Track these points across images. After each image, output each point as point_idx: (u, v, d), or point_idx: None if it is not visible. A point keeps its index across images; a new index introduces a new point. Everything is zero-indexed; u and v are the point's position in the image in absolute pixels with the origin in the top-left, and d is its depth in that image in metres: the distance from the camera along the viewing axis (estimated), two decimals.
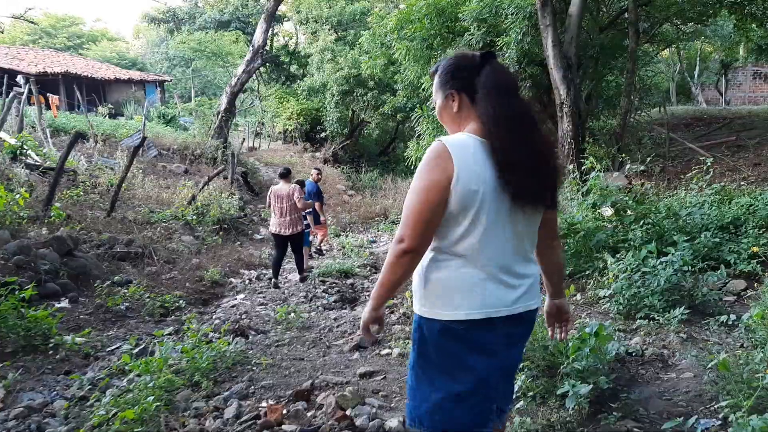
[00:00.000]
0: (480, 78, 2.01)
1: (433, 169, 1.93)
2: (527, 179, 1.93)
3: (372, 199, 20.06)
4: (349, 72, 23.45)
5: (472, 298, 1.97)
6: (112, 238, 8.76)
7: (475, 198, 1.91)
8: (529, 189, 1.95)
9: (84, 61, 31.65)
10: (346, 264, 10.26)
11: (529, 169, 1.94)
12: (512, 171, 1.91)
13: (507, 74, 2.07)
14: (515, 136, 1.94)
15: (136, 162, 16.06)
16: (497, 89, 1.98)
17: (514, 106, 1.99)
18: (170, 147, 18.44)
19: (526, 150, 1.94)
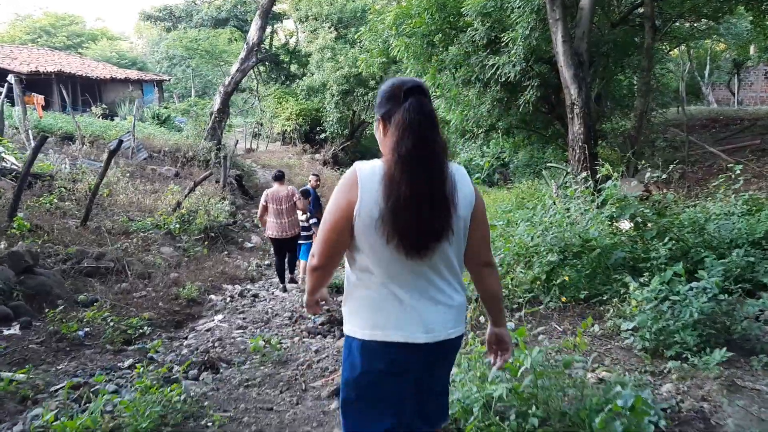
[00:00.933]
0: (398, 110, 2.03)
1: (340, 194, 2.04)
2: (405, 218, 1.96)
3: None
4: (349, 71, 22.72)
5: (388, 321, 2.04)
6: (81, 252, 8.02)
7: (377, 225, 1.97)
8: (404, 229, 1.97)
9: (80, 60, 30.98)
10: (339, 277, 9.49)
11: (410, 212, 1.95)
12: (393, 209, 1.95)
13: (422, 111, 2.04)
14: (409, 173, 1.96)
15: (123, 165, 15.40)
16: (405, 124, 2.00)
17: (416, 143, 1.98)
18: (161, 149, 17.72)
19: (414, 190, 1.95)
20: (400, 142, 1.98)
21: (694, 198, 8.72)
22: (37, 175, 10.94)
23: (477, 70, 11.12)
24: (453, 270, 2.13)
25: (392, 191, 1.95)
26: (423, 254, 2.01)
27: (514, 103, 11.24)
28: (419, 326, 2.05)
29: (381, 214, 1.97)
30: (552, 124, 13.46)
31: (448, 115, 11.80)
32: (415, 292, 2.06)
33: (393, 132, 2.03)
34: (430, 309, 2.07)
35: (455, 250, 2.11)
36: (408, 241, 1.98)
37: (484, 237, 2.21)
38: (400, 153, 1.97)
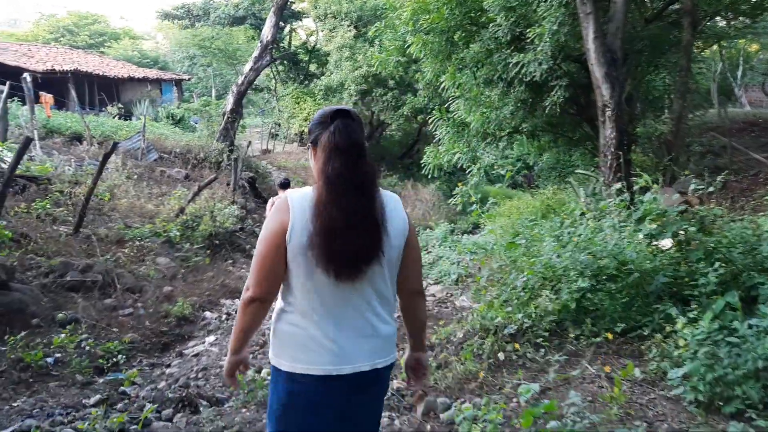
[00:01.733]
0: (325, 133, 2.05)
1: (272, 221, 2.03)
2: (333, 244, 1.94)
3: None
4: (368, 71, 22.02)
5: (304, 352, 2.02)
6: (65, 264, 7.40)
7: (306, 250, 1.96)
8: (333, 252, 1.95)
9: (98, 59, 30.70)
10: None
11: (338, 234, 1.94)
12: (320, 233, 1.94)
13: (349, 134, 2.03)
14: (337, 195, 1.96)
15: (132, 167, 14.86)
16: (331, 146, 2.01)
17: (343, 165, 1.99)
18: (172, 150, 17.19)
19: (343, 212, 1.95)
20: (327, 164, 2.00)
21: (739, 211, 7.85)
22: (32, 178, 10.40)
23: (500, 69, 10.32)
24: (384, 298, 2.11)
25: (321, 214, 1.95)
26: (353, 278, 1.99)
27: (540, 104, 10.42)
28: (344, 358, 2.02)
29: (310, 238, 1.96)
30: (580, 126, 12.60)
31: (468, 117, 11.00)
32: (341, 323, 2.04)
33: (320, 155, 2.05)
34: (357, 340, 2.05)
35: (387, 277, 2.10)
36: (337, 265, 1.96)
37: (416, 265, 2.22)
38: (328, 175, 1.98)
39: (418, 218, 17.16)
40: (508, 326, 5.11)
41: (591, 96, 11.19)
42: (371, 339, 2.07)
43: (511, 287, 5.74)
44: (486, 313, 5.37)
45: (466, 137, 11.08)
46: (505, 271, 6.29)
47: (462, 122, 11.42)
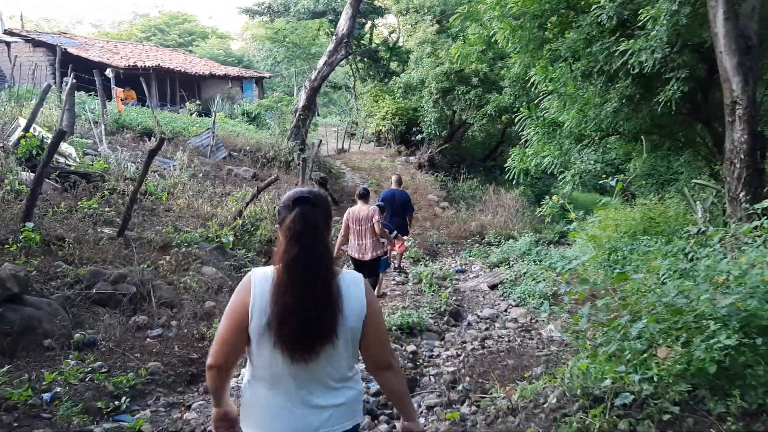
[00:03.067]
0: (287, 220, 2.14)
1: (236, 297, 2.15)
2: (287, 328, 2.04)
3: (468, 213, 17.16)
4: (450, 67, 20.71)
5: (267, 422, 2.15)
6: (95, 273, 6.57)
7: (264, 330, 2.07)
8: (288, 336, 2.05)
9: (182, 57, 30.89)
10: (414, 314, 7.59)
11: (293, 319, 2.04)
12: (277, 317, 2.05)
13: (306, 221, 2.11)
14: (293, 280, 2.05)
15: (198, 164, 14.25)
16: (290, 233, 2.10)
17: (300, 251, 2.07)
18: (242, 148, 16.52)
19: (298, 296, 2.04)
20: (286, 250, 2.09)
21: None
22: (85, 175, 9.79)
23: (601, 60, 8.81)
24: (341, 372, 2.19)
25: (278, 298, 2.05)
26: (307, 359, 2.09)
27: (648, 101, 8.84)
28: (302, 425, 2.13)
29: (268, 320, 2.06)
30: (691, 127, 10.86)
31: (561, 116, 9.54)
32: (298, 396, 2.13)
33: (281, 240, 2.14)
34: (313, 411, 2.14)
35: (344, 354, 2.17)
36: (291, 347, 2.06)
37: (379, 342, 2.26)
38: (286, 261, 2.08)
39: (500, 226, 15.70)
40: (621, 394, 3.75)
41: (710, 92, 9.50)
42: (328, 410, 2.16)
43: (621, 332, 4.34)
44: (589, 370, 4.03)
45: (558, 139, 9.62)
46: (611, 309, 4.88)
47: (553, 122, 9.98)
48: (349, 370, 2.23)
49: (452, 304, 9.01)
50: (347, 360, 2.21)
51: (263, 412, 2.15)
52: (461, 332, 7.92)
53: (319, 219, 2.15)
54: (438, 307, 8.45)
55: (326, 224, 2.19)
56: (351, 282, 2.19)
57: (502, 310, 9.10)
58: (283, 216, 2.17)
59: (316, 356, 2.09)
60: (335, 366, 2.16)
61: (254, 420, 2.18)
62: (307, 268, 2.06)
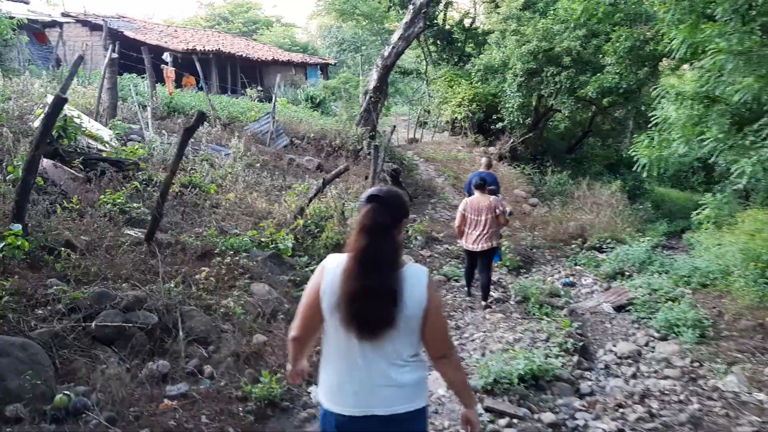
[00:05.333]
0: (360, 214, 2.40)
1: (312, 280, 2.44)
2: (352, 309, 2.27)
3: (563, 211, 14.78)
4: (537, 45, 18.27)
5: (335, 394, 2.37)
6: (101, 296, 4.71)
7: (334, 309, 2.31)
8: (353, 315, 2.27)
9: (243, 42, 29.46)
10: (536, 356, 5.45)
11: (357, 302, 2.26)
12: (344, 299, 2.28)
13: (375, 217, 2.33)
14: (360, 268, 2.28)
15: (257, 153, 12.46)
16: (360, 227, 2.35)
17: (368, 244, 2.29)
18: (305, 135, 14.65)
19: (363, 283, 2.26)
20: (356, 241, 2.33)
21: None
22: (116, 162, 8.06)
23: None
24: (401, 355, 2.35)
25: (346, 282, 2.29)
26: (371, 338, 2.29)
27: None
28: (362, 402, 2.32)
29: (337, 301, 2.29)
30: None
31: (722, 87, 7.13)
32: (362, 372, 2.32)
33: (353, 231, 2.39)
34: (375, 389, 2.32)
35: (406, 340, 2.34)
36: (356, 326, 2.27)
37: (437, 333, 2.41)
38: (355, 250, 2.32)
39: (602, 228, 13.29)
40: None
41: None
42: (388, 389, 2.33)
43: None
44: None
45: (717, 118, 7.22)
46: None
47: (707, 96, 7.56)
48: (412, 356, 2.38)
49: (575, 335, 6.82)
50: (410, 345, 2.37)
51: (332, 384, 2.38)
52: (601, 381, 5.74)
53: (388, 216, 2.35)
54: (562, 342, 6.28)
55: (396, 221, 2.38)
56: (414, 275, 2.36)
57: (643, 344, 6.84)
58: (360, 210, 2.42)
59: (378, 337, 2.28)
60: (398, 349, 2.34)
61: (324, 390, 2.41)
62: (373, 258, 2.28)
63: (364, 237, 2.31)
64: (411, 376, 2.37)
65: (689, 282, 9.14)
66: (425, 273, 2.40)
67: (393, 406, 2.32)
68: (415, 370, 2.38)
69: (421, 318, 2.33)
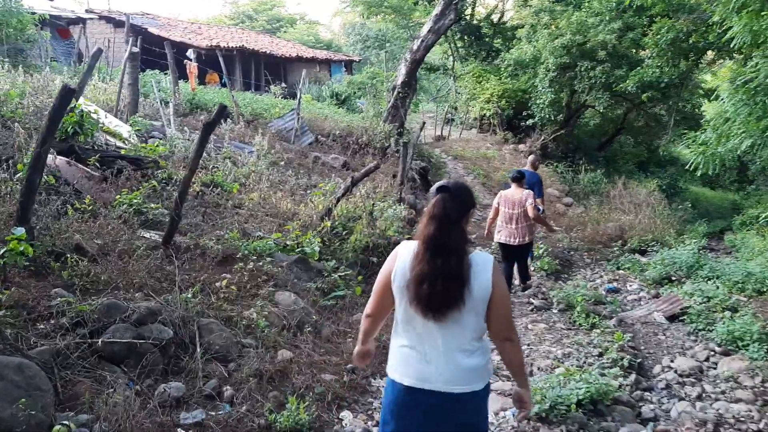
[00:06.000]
0: (429, 204, 2.58)
1: (386, 262, 2.62)
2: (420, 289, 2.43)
3: (599, 211, 14.10)
4: (571, 39, 17.60)
5: (401, 366, 2.55)
6: (111, 308, 4.24)
7: (404, 290, 2.49)
8: (421, 296, 2.43)
9: (267, 39, 29.12)
10: (592, 376, 4.88)
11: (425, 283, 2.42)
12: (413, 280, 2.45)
13: (444, 206, 2.49)
14: (428, 253, 2.45)
15: (281, 150, 11.99)
16: (429, 215, 2.51)
17: (435, 231, 2.46)
18: (330, 132, 14.17)
19: (431, 267, 2.43)
20: (425, 227, 2.50)
21: None
22: (135, 160, 7.64)
23: None
24: (465, 336, 2.50)
25: (415, 266, 2.46)
26: (437, 318, 2.45)
27: None
28: (426, 377, 2.48)
29: (407, 282, 2.47)
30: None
31: None
32: (426, 347, 2.50)
33: (422, 219, 2.56)
34: (438, 366, 2.48)
35: (471, 322, 2.49)
36: (422, 306, 2.44)
37: (502, 318, 2.56)
38: (423, 237, 2.48)
39: (642, 229, 12.60)
40: None
41: None
42: (451, 368, 2.47)
43: None
44: None
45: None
46: None
47: None
48: (476, 339, 2.53)
49: (628, 348, 6.23)
50: (474, 329, 2.51)
51: (400, 359, 2.56)
52: (664, 404, 5.14)
53: (455, 206, 2.51)
54: (616, 358, 5.68)
55: (462, 212, 2.52)
56: (480, 262, 2.51)
57: (704, 360, 6.21)
58: (429, 200, 2.59)
59: (444, 317, 2.44)
60: (463, 331, 2.49)
61: (393, 365, 2.59)
62: (440, 244, 2.45)
63: (432, 225, 2.47)
64: (474, 359, 2.50)
65: (743, 289, 8.49)
66: (491, 260, 2.55)
67: (452, 385, 2.46)
68: (479, 355, 2.52)
69: (486, 302, 2.47)
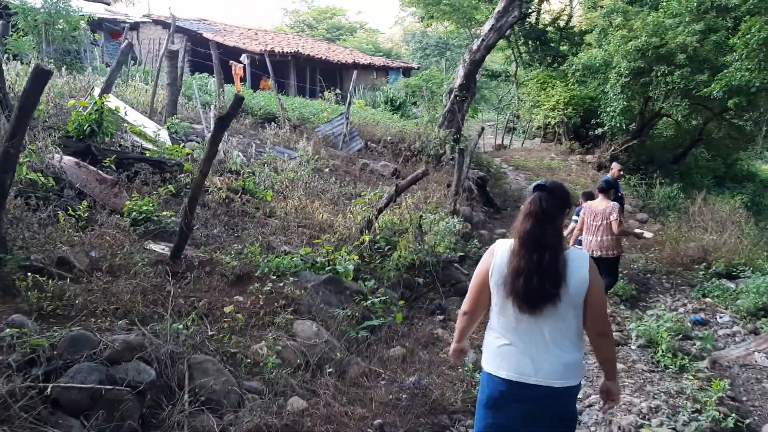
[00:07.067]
0: (526, 202, 2.65)
1: (483, 260, 2.71)
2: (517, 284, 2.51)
3: (678, 229, 12.65)
4: (647, 41, 16.15)
5: (498, 360, 2.61)
6: (76, 342, 3.36)
7: (501, 285, 2.58)
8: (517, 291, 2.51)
9: (324, 45, 28.59)
10: None
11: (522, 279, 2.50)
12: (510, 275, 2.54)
13: (540, 204, 2.56)
14: (524, 250, 2.53)
15: (326, 156, 11.17)
16: (526, 213, 2.59)
17: (532, 228, 2.54)
18: (381, 138, 13.26)
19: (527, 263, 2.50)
20: (521, 225, 2.57)
21: None
22: (157, 163, 6.89)
23: None
24: (562, 332, 2.56)
25: (512, 262, 2.54)
26: (533, 313, 2.51)
27: None
28: (523, 370, 2.53)
29: (504, 278, 2.56)
30: None
31: None
32: (524, 341, 2.56)
33: (519, 217, 2.63)
34: (535, 360, 2.53)
35: (567, 318, 2.55)
36: (518, 300, 2.52)
37: (598, 313, 2.59)
38: (520, 233, 2.56)
39: (728, 251, 11.09)
40: None
41: None
42: (548, 362, 2.52)
43: None
44: None
45: None
46: None
47: None
48: (572, 334, 2.56)
49: (728, 400, 5.02)
50: (570, 324, 2.55)
51: (496, 352, 2.62)
52: None
53: (552, 204, 2.57)
54: (717, 416, 4.49)
55: (560, 210, 2.59)
56: (576, 258, 2.55)
57: None
58: (527, 198, 2.65)
59: (540, 312, 2.50)
60: (558, 326, 2.54)
61: (488, 358, 2.65)
62: (537, 241, 2.51)
63: (529, 222, 2.55)
64: (571, 354, 2.55)
65: None
66: (587, 256, 2.61)
67: (548, 379, 2.51)
68: (576, 350, 2.57)
69: (583, 297, 2.53)
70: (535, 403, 2.54)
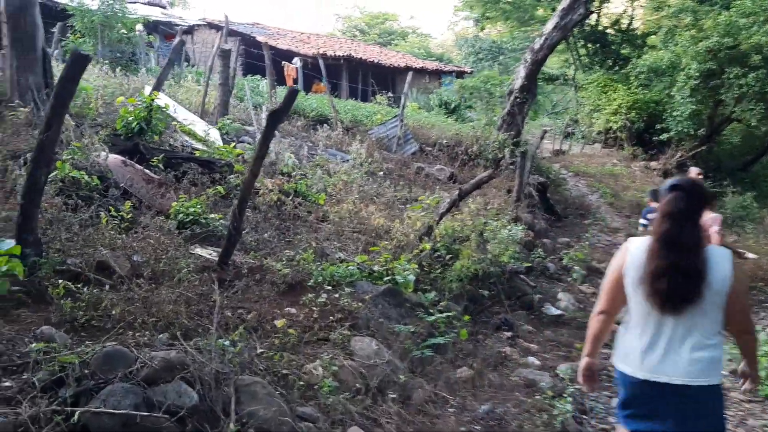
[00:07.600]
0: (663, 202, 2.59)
1: (616, 258, 2.68)
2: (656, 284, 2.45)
3: (757, 241, 11.71)
4: (719, 41, 15.24)
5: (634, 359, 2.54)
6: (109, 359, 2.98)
7: (637, 284, 2.52)
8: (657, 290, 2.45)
9: (376, 49, 28.33)
10: None
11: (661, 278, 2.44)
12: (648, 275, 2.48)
13: (678, 204, 2.52)
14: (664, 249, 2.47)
15: (380, 159, 10.73)
16: (662, 214, 2.55)
17: (671, 228, 2.49)
18: (437, 142, 12.76)
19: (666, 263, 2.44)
20: (659, 225, 2.53)
21: None
22: (206, 163, 6.57)
23: None
24: (703, 330, 2.46)
25: (650, 261, 2.48)
26: (672, 312, 2.46)
27: None
28: (659, 369, 2.47)
29: (641, 277, 2.50)
30: None
31: None
32: (662, 342, 2.49)
33: (656, 217, 2.59)
34: (673, 358, 2.46)
35: (710, 315, 2.46)
36: (660, 300, 2.45)
37: (741, 310, 2.51)
38: (658, 234, 2.52)
39: None
40: None
41: None
42: (687, 361, 2.44)
43: None
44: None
45: None
46: None
47: None
48: (713, 332, 2.47)
49: None
50: (711, 322, 2.47)
51: (633, 351, 2.54)
52: None
53: (690, 203, 2.50)
54: None
55: (697, 208, 2.52)
56: (719, 254, 2.49)
57: None
58: (658, 199, 2.64)
59: (681, 311, 2.44)
60: (699, 325, 2.45)
61: (624, 357, 2.59)
62: (676, 240, 2.45)
63: (667, 222, 2.49)
64: (711, 352, 2.46)
65: None
66: (729, 253, 2.53)
67: (689, 378, 2.43)
68: (716, 348, 2.47)
69: (726, 295, 2.44)
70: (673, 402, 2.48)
